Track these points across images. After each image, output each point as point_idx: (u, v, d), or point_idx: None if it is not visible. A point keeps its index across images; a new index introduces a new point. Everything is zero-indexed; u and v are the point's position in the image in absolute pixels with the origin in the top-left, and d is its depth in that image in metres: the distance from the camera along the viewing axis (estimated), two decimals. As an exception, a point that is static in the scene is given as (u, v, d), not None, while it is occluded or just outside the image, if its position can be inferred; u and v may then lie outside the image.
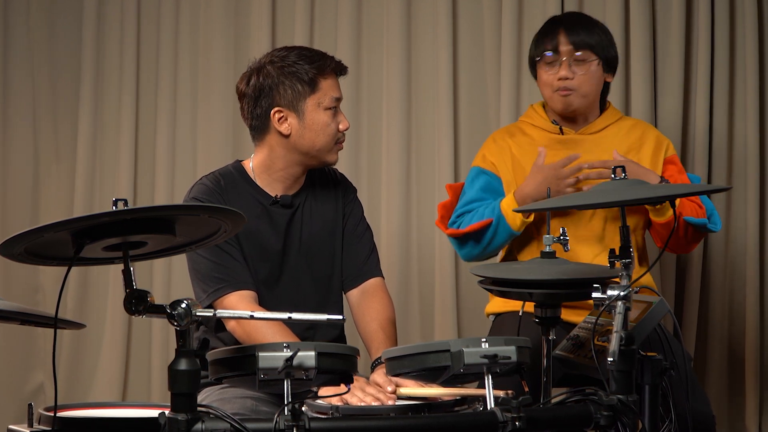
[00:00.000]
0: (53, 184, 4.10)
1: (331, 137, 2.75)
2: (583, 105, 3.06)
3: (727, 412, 3.94)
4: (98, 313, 4.07)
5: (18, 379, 4.08)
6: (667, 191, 2.29)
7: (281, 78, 2.71)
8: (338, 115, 2.76)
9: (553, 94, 3.05)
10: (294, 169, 2.79)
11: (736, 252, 3.91)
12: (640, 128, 3.15)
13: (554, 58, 3.03)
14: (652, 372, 2.20)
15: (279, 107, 2.72)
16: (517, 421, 2.03)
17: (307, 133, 2.73)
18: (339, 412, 2.19)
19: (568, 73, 3.01)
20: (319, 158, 2.77)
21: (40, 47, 4.07)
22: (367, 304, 2.81)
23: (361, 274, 2.85)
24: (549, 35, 3.05)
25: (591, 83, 3.04)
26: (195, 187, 2.79)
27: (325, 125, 2.73)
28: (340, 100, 2.77)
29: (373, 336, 2.74)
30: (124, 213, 1.92)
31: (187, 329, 1.97)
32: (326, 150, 2.75)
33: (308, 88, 2.71)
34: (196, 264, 2.73)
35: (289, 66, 2.71)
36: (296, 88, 2.71)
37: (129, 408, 2.25)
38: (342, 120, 2.76)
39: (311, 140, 2.73)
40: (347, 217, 2.88)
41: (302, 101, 2.71)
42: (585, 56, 3.02)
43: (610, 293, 2.16)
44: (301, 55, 2.73)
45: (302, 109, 2.72)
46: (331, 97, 2.74)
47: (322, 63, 2.73)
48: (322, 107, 2.73)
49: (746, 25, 3.87)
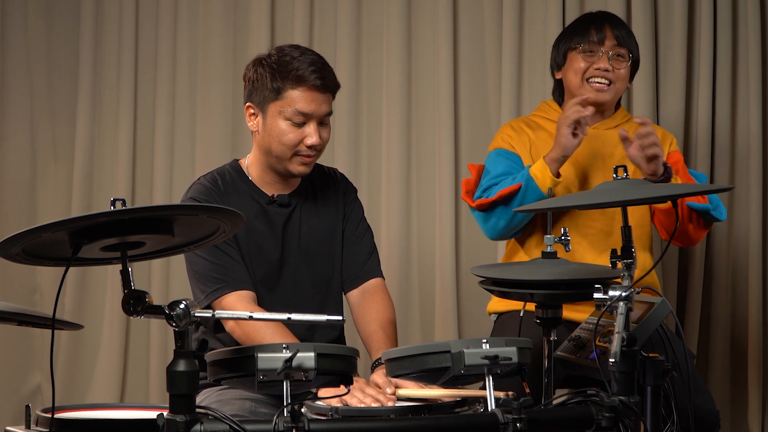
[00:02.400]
0: (51, 184, 4.09)
1: (286, 147, 2.69)
2: (612, 101, 3.12)
3: (730, 411, 3.95)
4: (96, 314, 4.06)
5: (15, 381, 4.07)
6: (669, 191, 2.29)
7: (261, 75, 2.70)
8: (305, 129, 2.68)
9: (584, 83, 3.07)
10: (275, 170, 2.76)
11: (739, 250, 3.91)
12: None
13: (595, 48, 3.06)
14: (654, 373, 2.19)
15: (251, 103, 2.73)
16: (518, 423, 2.03)
17: (266, 136, 2.72)
18: (338, 413, 2.18)
19: (608, 65, 3.06)
20: (282, 165, 2.73)
21: (38, 46, 4.06)
22: (367, 305, 2.80)
23: (361, 275, 2.84)
24: (595, 25, 3.08)
25: (623, 82, 3.10)
26: (192, 188, 2.78)
27: (282, 134, 2.69)
28: (307, 115, 2.67)
29: (372, 336, 2.73)
30: (122, 213, 1.91)
31: (185, 330, 1.96)
32: (284, 159, 2.71)
33: (272, 94, 2.68)
34: (194, 265, 2.72)
35: (270, 66, 2.69)
36: (265, 90, 2.69)
37: (127, 409, 2.25)
38: (310, 134, 2.68)
39: (269, 144, 2.72)
40: (347, 218, 2.86)
41: (267, 104, 2.70)
42: (623, 53, 3.07)
43: (611, 294, 2.15)
44: (292, 59, 2.68)
45: (266, 112, 2.70)
46: (294, 109, 2.67)
47: (302, 74, 2.66)
48: (282, 116, 2.68)
49: (748, 23, 3.87)
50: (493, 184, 3.05)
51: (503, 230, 3.07)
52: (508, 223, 3.03)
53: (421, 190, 3.98)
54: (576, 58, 3.08)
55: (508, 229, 3.06)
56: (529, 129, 3.15)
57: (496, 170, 3.08)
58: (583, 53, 3.07)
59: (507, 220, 3.02)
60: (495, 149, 3.14)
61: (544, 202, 2.83)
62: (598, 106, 3.09)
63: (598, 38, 3.06)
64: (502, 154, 3.11)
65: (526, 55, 3.90)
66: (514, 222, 3.03)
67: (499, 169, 3.08)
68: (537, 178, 2.95)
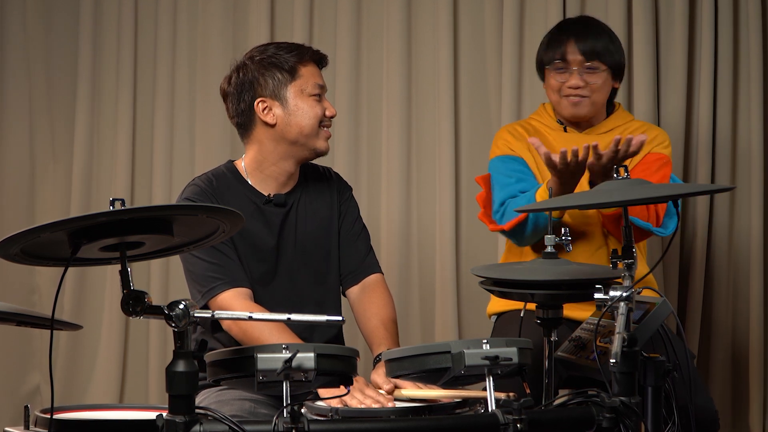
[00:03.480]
0: (50, 184, 4.08)
1: (316, 120, 2.75)
2: (592, 112, 3.10)
3: (731, 411, 3.94)
4: (95, 314, 4.05)
5: (14, 381, 4.06)
6: (671, 191, 2.28)
7: (261, 70, 2.75)
8: (323, 102, 2.77)
9: (561, 99, 3.08)
10: (286, 164, 2.78)
11: (740, 250, 3.90)
12: (643, 129, 3.15)
13: (565, 66, 3.05)
14: (655, 373, 2.19)
15: (262, 98, 2.75)
16: (518, 424, 2.02)
17: (292, 119, 2.75)
18: (339, 414, 2.17)
19: (579, 82, 3.04)
20: (308, 146, 2.77)
21: (37, 45, 4.05)
22: (367, 300, 2.80)
23: (360, 271, 2.85)
24: (558, 43, 3.06)
25: (601, 92, 3.07)
26: (187, 189, 2.78)
27: (310, 109, 2.75)
28: (323, 87, 2.78)
29: (374, 332, 2.73)
30: (121, 213, 1.91)
31: (184, 330, 1.96)
32: (313, 135, 2.75)
33: (288, 75, 2.75)
34: (190, 265, 2.72)
35: (269, 57, 2.76)
36: (276, 77, 2.74)
37: (126, 410, 2.25)
38: (328, 106, 2.78)
39: (298, 126, 2.74)
40: (343, 215, 2.87)
41: (284, 89, 2.74)
42: (595, 65, 3.03)
43: (612, 294, 2.14)
44: (279, 46, 2.79)
45: (285, 97, 2.74)
46: (314, 83, 2.76)
47: (301, 51, 2.77)
48: (305, 93, 2.75)
49: (750, 24, 3.86)
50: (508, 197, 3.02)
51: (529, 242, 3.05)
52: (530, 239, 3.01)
53: (421, 190, 3.97)
54: (550, 74, 3.08)
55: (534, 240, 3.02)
56: (527, 134, 3.14)
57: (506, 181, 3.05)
58: (555, 70, 3.06)
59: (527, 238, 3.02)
60: (497, 156, 3.14)
61: (544, 202, 2.83)
62: (578, 119, 3.09)
63: (561, 55, 3.04)
64: (505, 161, 3.10)
65: (526, 55, 3.89)
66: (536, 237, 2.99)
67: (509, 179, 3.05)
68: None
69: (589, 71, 3.03)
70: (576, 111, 3.06)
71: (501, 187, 3.06)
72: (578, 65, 3.03)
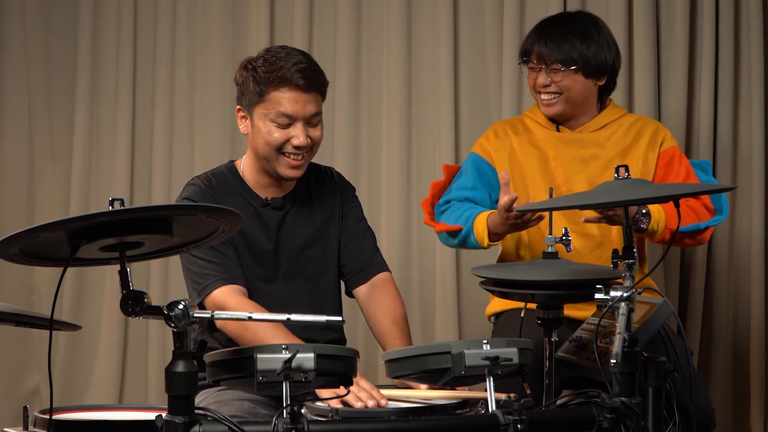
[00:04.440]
0: (49, 184, 4.08)
1: (272, 148, 2.68)
2: (568, 110, 3.09)
3: (732, 411, 3.94)
4: (94, 315, 4.05)
5: (13, 382, 4.06)
6: (672, 191, 2.27)
7: (247, 78, 2.69)
8: (291, 130, 2.67)
9: (537, 96, 3.10)
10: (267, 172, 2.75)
11: (741, 250, 3.90)
12: (639, 124, 3.15)
13: (533, 65, 3.08)
14: (656, 374, 2.18)
15: (240, 106, 2.73)
16: (519, 424, 2.02)
17: (255, 137, 2.71)
18: (339, 414, 2.16)
19: (545, 80, 3.06)
20: (270, 167, 2.72)
21: (36, 46, 4.04)
22: (377, 299, 2.79)
23: (367, 270, 2.83)
24: (528, 43, 3.10)
25: (573, 90, 3.05)
26: (186, 188, 2.77)
27: (267, 134, 2.68)
28: (291, 117, 2.66)
29: (386, 332, 2.72)
30: (120, 213, 1.90)
31: (184, 331, 1.95)
32: (271, 160, 2.70)
33: (256, 97, 2.68)
34: (189, 264, 2.71)
35: (252, 69, 2.68)
36: (250, 94, 2.69)
37: (126, 411, 2.25)
38: (296, 135, 2.66)
39: (258, 146, 2.71)
40: (345, 217, 2.85)
41: (253, 107, 2.70)
42: (557, 67, 3.04)
43: (613, 294, 2.13)
44: (277, 59, 2.66)
45: (252, 114, 2.70)
46: (277, 111, 2.66)
47: (281, 75, 2.64)
48: (267, 118, 2.68)
49: (751, 20, 3.87)
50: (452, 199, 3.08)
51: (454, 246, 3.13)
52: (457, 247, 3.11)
53: (421, 190, 3.97)
54: (526, 72, 3.12)
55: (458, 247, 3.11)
56: (514, 134, 3.14)
57: (465, 182, 3.09)
58: (529, 69, 3.09)
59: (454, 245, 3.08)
60: (474, 153, 3.16)
61: (544, 202, 2.82)
62: (557, 117, 3.10)
63: (532, 56, 3.07)
64: (476, 164, 3.12)
65: (527, 53, 3.88)
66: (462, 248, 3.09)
67: (468, 182, 3.09)
68: (477, 233, 2.96)
69: (554, 71, 3.04)
70: (549, 111, 3.08)
71: (459, 186, 3.10)
72: (543, 64, 3.04)
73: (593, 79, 3.06)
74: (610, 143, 3.08)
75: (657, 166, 3.07)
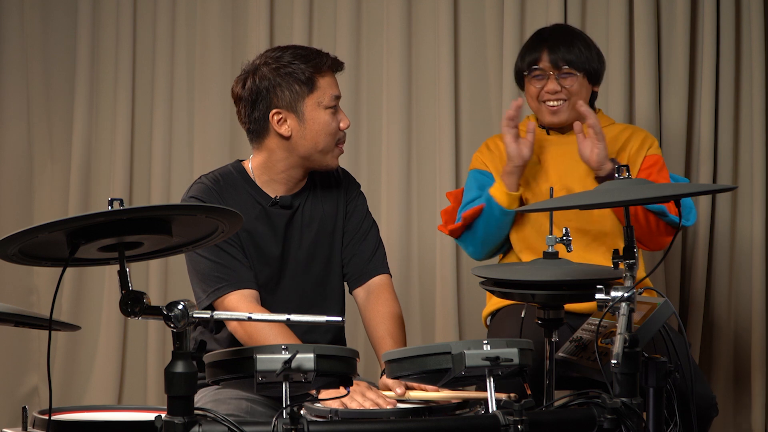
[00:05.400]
0: (48, 184, 4.07)
1: (332, 137, 2.71)
2: (572, 117, 3.12)
3: (733, 410, 3.94)
4: (93, 315, 4.04)
5: (12, 382, 4.05)
6: (673, 191, 2.27)
7: (277, 79, 2.67)
8: (338, 114, 2.73)
9: (540, 106, 3.13)
10: (295, 172, 2.75)
11: (742, 250, 3.90)
12: (629, 131, 3.20)
13: (541, 72, 3.11)
14: (657, 374, 2.18)
15: (278, 109, 2.69)
16: (519, 425, 2.01)
17: (308, 133, 2.70)
18: (338, 415, 2.16)
19: (556, 86, 3.09)
20: (320, 162, 2.74)
21: (35, 45, 4.04)
22: (372, 307, 2.78)
23: (365, 273, 2.82)
24: (534, 51, 3.13)
25: (579, 95, 3.11)
26: (194, 186, 2.76)
27: (326, 124, 2.70)
28: (339, 98, 2.73)
29: (380, 343, 2.71)
30: (119, 213, 1.90)
31: (183, 331, 1.95)
32: (327, 151, 2.72)
33: (306, 87, 2.67)
34: (196, 264, 2.70)
35: (285, 66, 2.67)
36: (294, 89, 2.67)
37: (125, 411, 2.25)
38: (343, 118, 2.73)
39: (313, 141, 2.70)
40: (350, 215, 2.85)
41: (301, 101, 2.68)
42: (569, 70, 3.09)
43: (613, 294, 2.13)
44: (296, 54, 2.69)
45: (301, 110, 2.68)
46: (331, 95, 2.70)
47: (318, 61, 2.69)
48: (322, 106, 2.69)
49: (752, 22, 3.87)
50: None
51: (480, 253, 3.15)
52: (481, 247, 3.12)
53: (421, 190, 3.96)
54: (529, 82, 3.14)
55: (484, 251, 3.14)
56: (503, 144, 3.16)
57: (469, 195, 3.14)
58: (534, 78, 3.12)
59: (475, 245, 3.11)
60: (472, 170, 3.21)
61: (544, 202, 2.83)
62: (558, 125, 3.14)
63: (541, 64, 3.10)
64: (476, 176, 3.17)
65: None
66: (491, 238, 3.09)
67: (472, 193, 3.14)
68: (496, 196, 3.02)
69: (564, 76, 3.08)
70: (554, 118, 3.12)
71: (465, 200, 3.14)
72: (554, 71, 3.08)
73: (592, 85, 3.15)
74: None
75: (640, 168, 3.10)
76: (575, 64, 3.08)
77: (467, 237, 3.11)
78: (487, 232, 3.08)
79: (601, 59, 3.15)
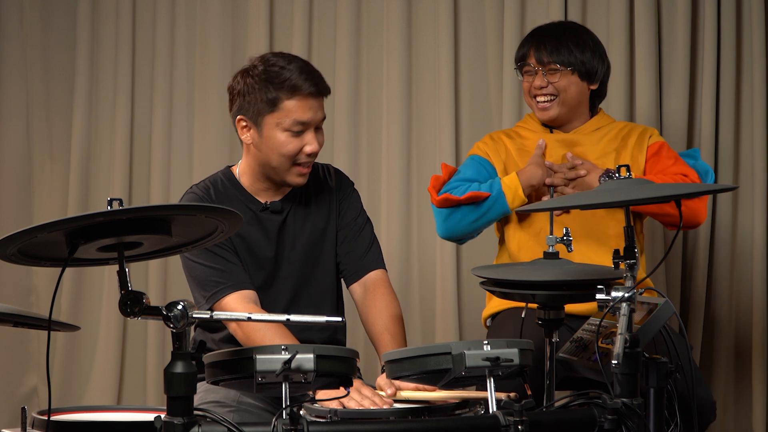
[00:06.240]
0: (47, 184, 4.07)
1: (286, 158, 2.67)
2: (563, 112, 3.13)
3: (734, 411, 3.94)
4: (93, 315, 4.04)
5: (11, 383, 4.05)
6: (673, 191, 2.27)
7: (252, 87, 2.66)
8: (305, 137, 2.66)
9: (531, 101, 3.15)
10: (271, 178, 2.75)
11: (743, 250, 3.90)
12: (628, 128, 3.20)
13: (530, 69, 3.13)
14: (658, 375, 2.17)
15: (242, 116, 2.69)
16: (519, 425, 2.01)
17: (263, 148, 2.69)
18: (338, 415, 2.15)
19: (542, 82, 3.11)
20: (279, 177, 2.71)
21: (34, 45, 4.04)
22: (370, 302, 2.78)
23: (361, 268, 2.82)
24: (521, 48, 3.17)
25: (569, 92, 3.11)
26: (185, 197, 2.78)
27: (281, 145, 2.66)
28: (306, 124, 2.65)
29: (378, 339, 2.71)
30: (119, 213, 1.90)
31: (183, 331, 1.95)
32: (282, 170, 2.69)
33: (267, 107, 2.65)
34: (192, 271, 2.71)
35: (261, 77, 2.65)
36: (258, 103, 2.65)
37: (124, 411, 2.24)
38: (310, 142, 2.66)
39: (267, 156, 2.69)
40: (343, 213, 2.85)
41: (261, 117, 2.66)
42: (555, 66, 3.10)
43: (614, 295, 2.13)
44: (281, 68, 2.65)
45: (261, 124, 2.67)
46: (293, 119, 2.64)
47: (296, 84, 2.63)
48: (280, 127, 2.65)
49: (753, 21, 3.87)
50: (460, 185, 3.09)
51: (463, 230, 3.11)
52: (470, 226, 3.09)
53: (421, 190, 3.96)
54: (522, 77, 3.17)
55: (468, 230, 3.11)
56: (508, 139, 3.20)
57: (465, 173, 3.14)
58: (524, 73, 3.15)
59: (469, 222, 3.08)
60: (471, 155, 3.20)
61: (544, 202, 2.83)
62: (551, 121, 3.15)
63: (529, 59, 3.13)
64: (476, 160, 3.17)
65: (527, 53, 3.88)
66: (476, 225, 3.09)
67: (468, 173, 3.13)
68: (507, 194, 3.01)
69: (552, 72, 3.09)
70: (544, 115, 3.13)
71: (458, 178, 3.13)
72: (539, 67, 3.10)
73: (587, 83, 3.13)
74: (602, 143, 3.13)
75: (646, 160, 3.11)
76: (561, 61, 3.08)
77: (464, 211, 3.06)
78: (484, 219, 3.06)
79: (600, 59, 3.13)
